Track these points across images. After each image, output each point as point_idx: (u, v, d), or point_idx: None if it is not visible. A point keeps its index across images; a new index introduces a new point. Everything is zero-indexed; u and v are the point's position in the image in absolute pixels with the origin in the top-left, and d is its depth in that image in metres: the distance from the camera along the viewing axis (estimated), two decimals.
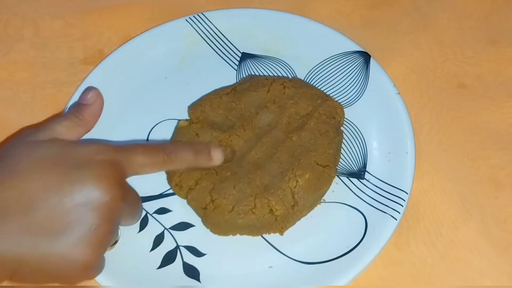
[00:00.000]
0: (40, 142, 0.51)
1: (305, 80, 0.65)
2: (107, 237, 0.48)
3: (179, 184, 0.56)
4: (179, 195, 0.56)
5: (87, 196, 0.47)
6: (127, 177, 0.52)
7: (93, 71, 0.65)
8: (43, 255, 0.46)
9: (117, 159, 0.50)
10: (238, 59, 0.67)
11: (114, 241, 0.52)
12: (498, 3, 0.70)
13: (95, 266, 0.48)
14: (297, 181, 0.54)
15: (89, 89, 0.60)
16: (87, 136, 0.59)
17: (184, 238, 0.56)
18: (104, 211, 0.47)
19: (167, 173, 0.58)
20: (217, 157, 0.55)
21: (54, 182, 0.47)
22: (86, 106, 0.58)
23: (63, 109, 0.62)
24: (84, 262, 0.46)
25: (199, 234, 0.56)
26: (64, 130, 0.54)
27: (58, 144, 0.52)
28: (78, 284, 0.50)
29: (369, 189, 0.57)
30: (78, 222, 0.46)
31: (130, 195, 0.51)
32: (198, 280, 0.54)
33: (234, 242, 0.55)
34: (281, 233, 0.55)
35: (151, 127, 0.62)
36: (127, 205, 0.50)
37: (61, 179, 0.47)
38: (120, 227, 0.54)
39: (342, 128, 0.60)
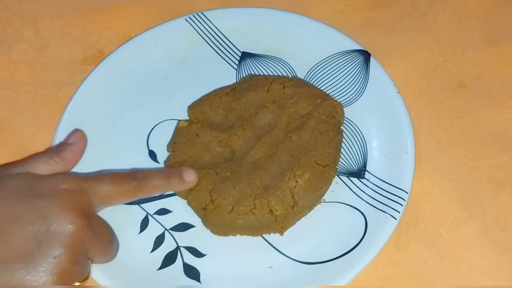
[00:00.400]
0: (9, 175, 0.51)
1: (305, 79, 0.65)
2: (70, 268, 0.46)
3: None
4: (180, 196, 0.57)
5: (50, 225, 0.46)
6: (97, 209, 0.51)
7: (93, 71, 0.65)
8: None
9: (84, 188, 0.50)
10: (238, 58, 0.67)
11: (85, 277, 0.50)
12: (498, 3, 0.70)
13: None
14: (296, 181, 0.54)
15: (74, 130, 0.59)
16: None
17: (184, 238, 0.56)
18: (67, 241, 0.46)
19: None
20: (189, 179, 0.55)
21: (16, 212, 0.47)
22: (68, 145, 0.57)
23: (63, 109, 0.62)
24: None
25: (199, 235, 0.56)
26: (41, 166, 0.53)
27: (26, 176, 0.51)
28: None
29: (369, 189, 0.57)
30: (39, 251, 0.45)
31: (98, 227, 0.50)
32: (199, 281, 0.54)
33: (234, 242, 0.55)
34: (281, 233, 0.55)
35: (151, 128, 0.62)
36: (95, 236, 0.49)
37: (23, 209, 0.47)
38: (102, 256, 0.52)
39: (342, 127, 0.60)
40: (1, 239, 0.46)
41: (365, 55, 0.64)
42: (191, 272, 0.54)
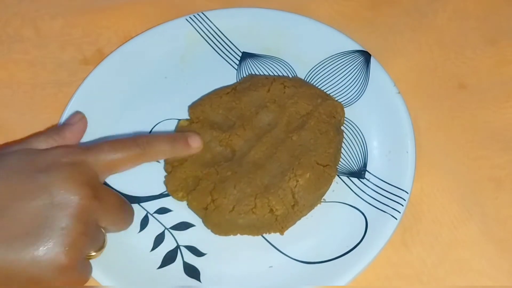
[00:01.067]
0: (9, 153, 0.52)
1: (305, 79, 0.65)
2: (81, 238, 0.47)
3: (175, 190, 0.56)
4: (177, 198, 0.57)
5: (54, 198, 0.47)
6: (101, 178, 0.52)
7: (93, 71, 0.65)
8: (11, 261, 0.45)
9: (84, 159, 0.50)
10: (239, 58, 0.67)
11: (100, 247, 0.51)
12: (498, 3, 0.70)
13: (72, 267, 0.47)
14: (297, 181, 0.54)
15: (74, 112, 0.60)
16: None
17: (184, 237, 0.56)
18: (73, 212, 0.47)
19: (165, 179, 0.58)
20: (195, 144, 0.56)
21: (19, 188, 0.47)
22: (68, 125, 0.58)
23: (63, 109, 0.62)
24: (58, 264, 0.46)
25: (199, 234, 0.56)
26: (40, 145, 0.54)
27: (25, 152, 0.52)
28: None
29: (369, 189, 0.57)
30: (46, 225, 0.46)
31: (105, 195, 0.50)
32: (199, 280, 0.54)
33: (234, 242, 0.55)
34: (282, 232, 0.55)
35: (152, 127, 0.62)
36: (102, 205, 0.49)
37: (26, 184, 0.48)
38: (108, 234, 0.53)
39: (342, 127, 0.60)
40: (6, 217, 0.46)
41: (366, 56, 0.64)
42: (191, 271, 0.54)
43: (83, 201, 0.47)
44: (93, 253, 0.50)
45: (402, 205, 0.55)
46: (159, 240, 0.56)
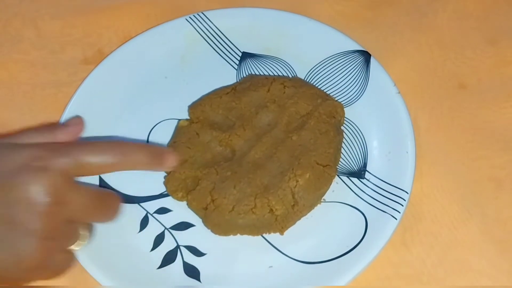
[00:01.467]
0: None
1: (305, 79, 0.65)
2: (44, 243, 0.45)
3: (175, 190, 0.56)
4: (177, 198, 0.57)
5: (12, 208, 0.45)
6: (75, 176, 0.49)
7: (93, 71, 0.65)
8: None
9: (56, 162, 0.47)
10: (239, 58, 0.67)
11: (75, 241, 0.49)
12: (499, 2, 0.70)
13: (38, 267, 0.46)
14: (297, 181, 0.54)
15: (75, 116, 0.58)
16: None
17: (184, 238, 0.56)
18: (35, 218, 0.45)
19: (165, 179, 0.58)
20: (167, 163, 0.53)
21: None
22: (62, 126, 0.54)
23: (63, 109, 0.62)
24: (23, 266, 0.45)
25: (199, 234, 0.56)
26: (29, 141, 0.51)
27: (3, 146, 0.49)
28: (78, 285, 0.50)
29: (369, 189, 0.57)
30: (9, 229, 0.45)
31: (75, 198, 0.47)
32: (199, 280, 0.54)
33: (234, 241, 0.55)
34: (281, 232, 0.55)
35: (151, 127, 0.62)
36: (72, 207, 0.47)
37: None
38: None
39: (342, 127, 0.60)
40: None
41: (366, 56, 0.64)
42: (191, 271, 0.54)
43: (45, 208, 0.45)
44: (77, 249, 0.49)
45: (402, 205, 0.55)
46: (159, 240, 0.56)
